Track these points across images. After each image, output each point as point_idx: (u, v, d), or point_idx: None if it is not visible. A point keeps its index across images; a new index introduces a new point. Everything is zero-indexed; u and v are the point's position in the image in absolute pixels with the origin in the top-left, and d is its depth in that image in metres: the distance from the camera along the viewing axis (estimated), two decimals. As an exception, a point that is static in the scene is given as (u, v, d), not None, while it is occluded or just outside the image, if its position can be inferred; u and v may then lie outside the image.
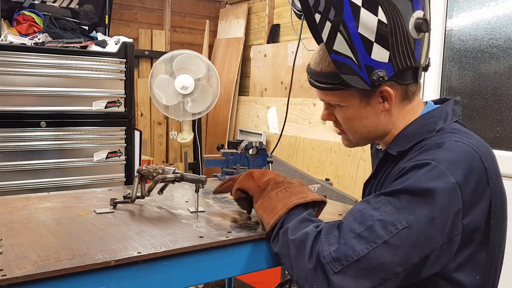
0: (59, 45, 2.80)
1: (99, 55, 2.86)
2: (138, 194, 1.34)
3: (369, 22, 0.98)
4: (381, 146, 1.22)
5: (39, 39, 2.81)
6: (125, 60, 2.93)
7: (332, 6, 0.99)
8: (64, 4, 3.21)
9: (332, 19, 0.99)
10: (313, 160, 3.51)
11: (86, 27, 3.29)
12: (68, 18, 3.16)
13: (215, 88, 3.49)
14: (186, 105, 3.44)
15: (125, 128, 2.97)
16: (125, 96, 2.95)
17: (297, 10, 1.98)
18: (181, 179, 1.28)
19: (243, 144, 1.75)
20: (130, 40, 2.98)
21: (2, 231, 1.05)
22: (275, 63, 3.98)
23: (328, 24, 0.99)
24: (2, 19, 2.90)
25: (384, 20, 0.99)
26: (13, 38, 2.77)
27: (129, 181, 2.97)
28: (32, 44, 2.74)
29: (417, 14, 1.03)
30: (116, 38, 3.02)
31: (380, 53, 1.00)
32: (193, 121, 3.90)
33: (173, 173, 1.29)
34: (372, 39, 0.99)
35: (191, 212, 1.26)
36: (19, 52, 2.59)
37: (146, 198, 1.37)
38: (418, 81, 1.10)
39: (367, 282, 0.91)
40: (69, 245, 0.96)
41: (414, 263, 0.92)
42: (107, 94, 2.88)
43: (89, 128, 2.84)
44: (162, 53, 3.54)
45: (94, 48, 2.96)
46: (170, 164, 4.37)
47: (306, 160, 3.57)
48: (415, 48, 1.04)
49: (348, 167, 3.23)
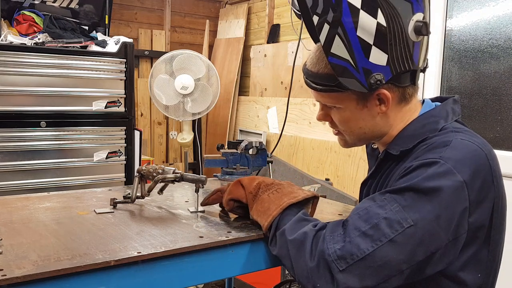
0: (59, 45, 2.80)
1: (99, 55, 2.86)
2: (138, 194, 1.34)
3: (368, 25, 0.97)
4: (378, 146, 1.21)
5: (39, 39, 2.81)
6: (125, 60, 2.93)
7: (331, 8, 0.97)
8: (64, 4, 3.20)
9: (330, 21, 0.97)
10: (313, 160, 3.51)
11: (86, 27, 3.29)
12: (68, 18, 3.15)
13: (215, 88, 3.48)
14: (186, 105, 3.44)
15: (125, 128, 2.97)
16: (125, 96, 2.95)
17: (297, 10, 1.97)
18: (181, 179, 1.28)
19: (243, 144, 1.75)
20: (130, 40, 2.98)
21: (2, 231, 1.05)
22: (275, 63, 3.98)
23: (326, 26, 0.98)
24: (2, 19, 2.90)
25: (383, 23, 0.97)
26: (13, 38, 2.77)
27: (129, 181, 2.97)
28: (32, 44, 2.74)
29: (417, 17, 1.01)
30: (116, 38, 3.02)
31: (378, 56, 0.99)
32: (193, 121, 3.90)
33: (173, 173, 1.29)
34: (371, 42, 0.98)
35: (191, 212, 1.26)
36: (19, 52, 2.59)
37: (146, 198, 1.37)
38: (416, 84, 1.09)
39: (372, 280, 0.91)
40: (69, 245, 0.96)
41: (419, 261, 0.92)
42: (107, 94, 2.88)
43: (89, 128, 2.84)
44: (162, 53, 3.54)
45: (94, 48, 2.96)
46: (170, 164, 4.37)
47: (306, 160, 3.57)
48: (414, 51, 1.03)
49: (348, 167, 3.23)
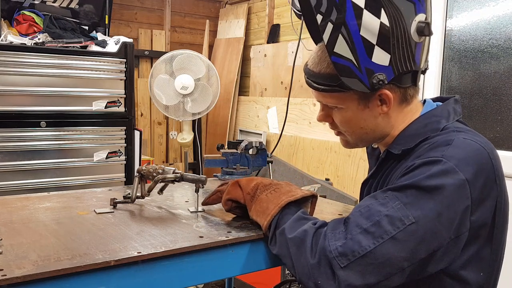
0: (59, 45, 2.80)
1: (99, 55, 2.86)
2: (138, 194, 1.34)
3: (371, 25, 0.97)
4: (379, 146, 1.22)
5: (39, 39, 2.81)
6: (125, 60, 2.93)
7: (335, 7, 0.97)
8: (64, 4, 3.20)
9: (334, 21, 0.97)
10: (313, 160, 3.51)
11: (86, 27, 3.29)
12: (68, 18, 3.16)
13: (215, 88, 3.48)
14: (186, 105, 3.44)
15: (125, 128, 2.97)
16: (125, 96, 2.95)
17: (297, 10, 1.98)
18: (181, 179, 1.28)
19: (243, 144, 1.75)
20: (130, 40, 2.98)
21: (2, 231, 1.05)
22: (275, 63, 3.98)
23: (330, 26, 0.98)
24: (2, 19, 2.90)
25: (387, 23, 0.98)
26: (13, 38, 2.77)
27: (129, 181, 2.97)
28: (32, 44, 2.74)
29: (420, 18, 1.02)
30: (116, 38, 3.02)
31: (381, 56, 0.99)
32: (193, 121, 3.90)
33: (173, 173, 1.29)
34: (374, 42, 0.98)
35: (191, 212, 1.26)
36: (19, 52, 2.58)
37: (146, 198, 1.37)
38: (417, 85, 1.10)
39: (373, 277, 0.91)
40: (69, 245, 0.96)
41: (421, 259, 0.92)
42: (107, 94, 2.88)
43: (89, 128, 2.84)
44: (162, 53, 3.54)
45: (94, 48, 2.96)
46: (170, 164, 4.37)
47: (306, 160, 3.57)
48: (416, 52, 1.03)
49: (348, 167, 3.23)
